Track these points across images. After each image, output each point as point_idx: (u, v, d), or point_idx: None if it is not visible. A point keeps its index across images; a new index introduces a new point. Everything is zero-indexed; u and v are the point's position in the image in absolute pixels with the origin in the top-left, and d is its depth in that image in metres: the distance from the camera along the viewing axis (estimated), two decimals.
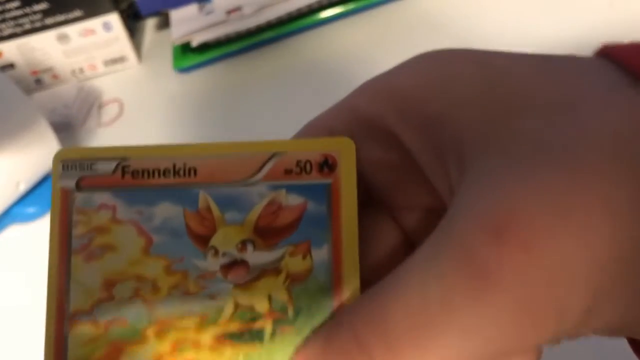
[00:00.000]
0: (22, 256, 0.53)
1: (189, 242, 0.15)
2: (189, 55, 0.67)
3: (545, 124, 0.13)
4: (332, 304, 0.15)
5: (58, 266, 0.15)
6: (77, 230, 0.15)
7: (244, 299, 0.15)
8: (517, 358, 0.14)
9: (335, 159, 0.15)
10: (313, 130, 0.17)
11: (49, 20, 0.68)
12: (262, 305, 0.15)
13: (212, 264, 0.15)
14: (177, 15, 0.70)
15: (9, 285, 0.50)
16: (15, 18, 0.68)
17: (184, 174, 0.15)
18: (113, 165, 0.15)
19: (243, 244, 0.15)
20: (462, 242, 0.13)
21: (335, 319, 0.15)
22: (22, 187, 0.54)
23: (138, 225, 0.15)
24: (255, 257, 0.15)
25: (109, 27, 0.69)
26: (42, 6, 0.67)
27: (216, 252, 0.15)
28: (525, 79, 0.14)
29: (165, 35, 0.73)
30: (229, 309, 0.15)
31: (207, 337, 0.15)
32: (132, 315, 0.15)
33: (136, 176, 0.15)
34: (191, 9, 0.70)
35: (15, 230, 0.55)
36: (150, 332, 0.15)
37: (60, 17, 0.68)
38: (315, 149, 0.15)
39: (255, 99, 0.60)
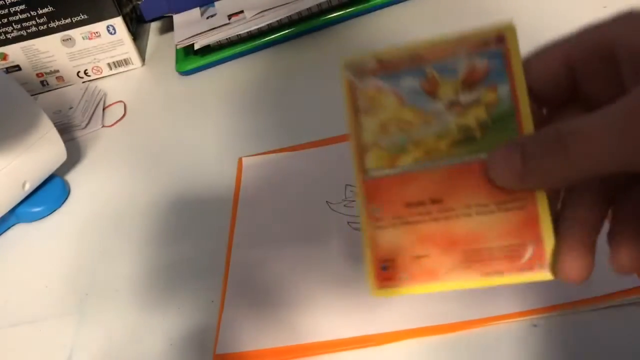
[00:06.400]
0: (28, 255, 0.53)
1: (425, 96, 0.26)
2: (191, 58, 0.68)
3: None
4: (515, 121, 0.25)
5: (353, 121, 0.27)
6: (360, 101, 0.27)
7: (461, 121, 0.26)
8: None
9: (504, 35, 0.25)
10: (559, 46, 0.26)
11: (53, 24, 0.69)
12: (472, 122, 0.26)
13: (441, 105, 0.26)
14: (180, 19, 0.71)
15: (14, 284, 0.51)
16: (20, 21, 0.69)
17: (416, 59, 0.26)
18: (374, 62, 0.27)
19: (457, 91, 0.26)
20: (626, 102, 0.22)
21: (546, 129, 0.23)
22: (28, 187, 0.55)
23: (394, 91, 0.27)
24: (465, 97, 0.26)
25: (113, 31, 0.70)
26: (47, 10, 0.68)
27: (442, 99, 0.26)
28: None
29: (168, 39, 0.74)
30: (453, 128, 0.26)
31: (443, 144, 0.26)
32: (399, 139, 0.26)
33: (388, 65, 0.27)
34: (194, 13, 0.71)
35: (20, 230, 0.56)
36: (410, 147, 0.26)
37: (65, 21, 0.69)
38: (492, 32, 0.26)
39: (257, 101, 0.61)
